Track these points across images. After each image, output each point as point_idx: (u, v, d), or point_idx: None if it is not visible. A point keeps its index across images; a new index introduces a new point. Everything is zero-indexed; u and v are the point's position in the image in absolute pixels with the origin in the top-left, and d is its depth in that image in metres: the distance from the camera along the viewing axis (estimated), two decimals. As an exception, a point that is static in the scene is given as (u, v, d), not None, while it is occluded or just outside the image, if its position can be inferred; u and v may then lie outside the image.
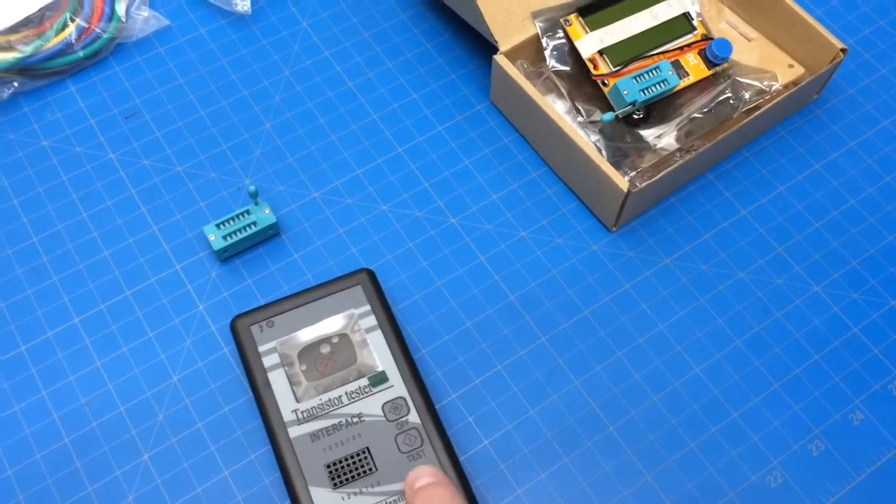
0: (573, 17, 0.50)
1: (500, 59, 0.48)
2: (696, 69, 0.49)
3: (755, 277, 0.47)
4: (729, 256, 0.47)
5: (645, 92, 0.46)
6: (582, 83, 0.50)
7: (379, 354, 0.42)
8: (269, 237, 0.47)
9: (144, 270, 0.46)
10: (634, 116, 0.48)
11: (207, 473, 0.41)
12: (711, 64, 0.49)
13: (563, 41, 0.50)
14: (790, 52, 0.52)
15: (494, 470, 0.41)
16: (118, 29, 0.53)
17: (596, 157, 0.45)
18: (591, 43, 0.49)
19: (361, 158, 0.50)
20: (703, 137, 0.48)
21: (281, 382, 0.41)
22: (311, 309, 0.43)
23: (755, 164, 0.50)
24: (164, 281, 0.46)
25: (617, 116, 0.47)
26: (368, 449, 0.40)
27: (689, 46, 0.49)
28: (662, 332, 0.45)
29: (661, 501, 0.41)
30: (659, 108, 0.49)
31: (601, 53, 0.49)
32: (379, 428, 0.40)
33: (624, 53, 0.49)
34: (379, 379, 0.41)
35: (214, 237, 0.45)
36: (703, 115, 0.49)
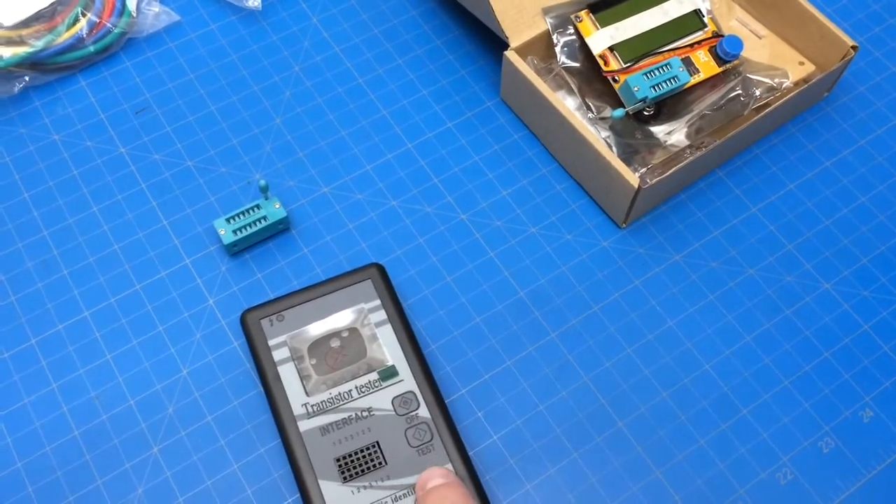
0: (584, 13, 0.49)
1: (510, 55, 0.48)
2: (706, 66, 0.49)
3: (765, 274, 0.47)
4: (739, 253, 0.47)
5: (655, 88, 0.46)
6: (592, 79, 0.50)
7: (389, 349, 0.42)
8: (279, 232, 0.47)
9: (154, 264, 0.46)
10: (645, 113, 0.48)
11: (217, 467, 0.41)
12: (722, 61, 0.49)
13: (573, 37, 0.50)
14: (801, 49, 0.52)
15: (504, 465, 0.41)
16: (129, 24, 0.53)
17: (606, 153, 0.45)
18: (601, 39, 0.49)
19: (371, 154, 0.50)
20: (713, 134, 0.48)
21: (291, 376, 0.41)
22: (321, 303, 0.43)
23: (765, 161, 0.50)
24: (174, 275, 0.46)
25: (627, 113, 0.47)
26: (378, 443, 0.40)
27: (699, 43, 0.49)
28: (672, 328, 0.45)
29: (670, 497, 0.41)
30: (669, 104, 0.49)
31: (612, 50, 0.49)
32: (389, 422, 0.40)
33: (634, 50, 0.49)
34: (389, 373, 0.41)
35: (224, 231, 0.45)
36: (713, 111, 0.48)
